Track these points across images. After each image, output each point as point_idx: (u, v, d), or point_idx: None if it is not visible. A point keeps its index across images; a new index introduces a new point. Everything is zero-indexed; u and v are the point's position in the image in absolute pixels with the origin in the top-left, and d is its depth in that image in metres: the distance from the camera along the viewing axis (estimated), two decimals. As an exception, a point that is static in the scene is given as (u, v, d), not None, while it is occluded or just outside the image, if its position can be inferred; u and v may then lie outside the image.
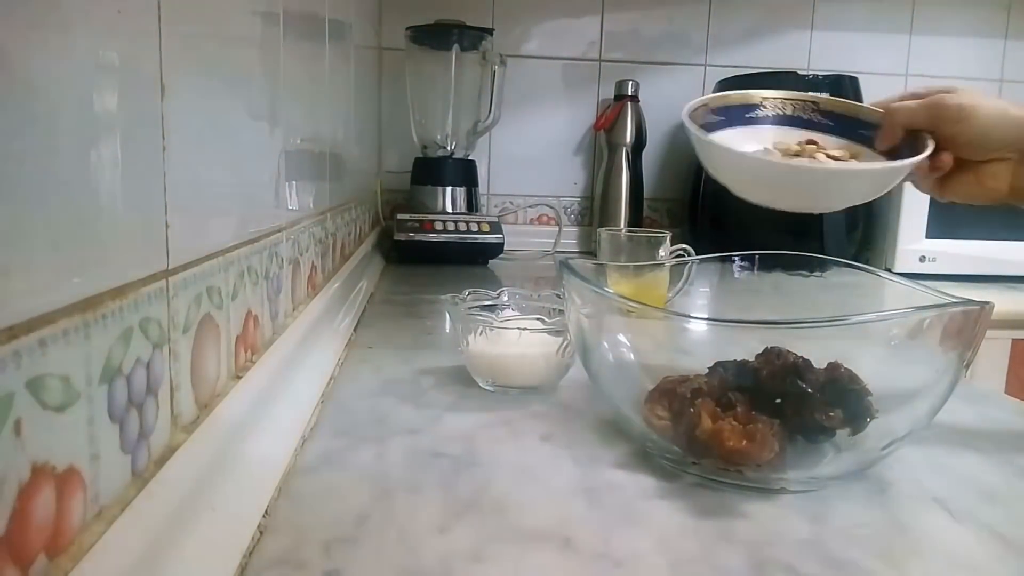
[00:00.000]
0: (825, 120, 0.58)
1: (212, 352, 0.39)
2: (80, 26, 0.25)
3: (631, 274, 0.70)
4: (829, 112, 0.58)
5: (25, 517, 0.22)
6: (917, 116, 0.53)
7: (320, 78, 0.75)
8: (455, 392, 0.58)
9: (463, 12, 1.44)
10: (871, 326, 0.41)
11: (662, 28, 1.59)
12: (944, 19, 1.63)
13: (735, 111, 0.58)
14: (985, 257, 1.30)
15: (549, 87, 1.59)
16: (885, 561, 0.35)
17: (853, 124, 0.57)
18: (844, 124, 0.58)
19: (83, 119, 0.25)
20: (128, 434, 0.29)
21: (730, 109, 0.58)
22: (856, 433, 0.43)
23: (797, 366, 0.43)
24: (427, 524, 0.37)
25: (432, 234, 1.30)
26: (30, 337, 0.22)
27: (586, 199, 1.63)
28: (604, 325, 0.48)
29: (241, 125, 0.45)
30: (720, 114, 0.57)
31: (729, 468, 0.41)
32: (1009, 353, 1.16)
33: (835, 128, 0.58)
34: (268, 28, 0.51)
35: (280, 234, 0.55)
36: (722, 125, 0.57)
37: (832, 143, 0.58)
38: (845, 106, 0.58)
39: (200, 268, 0.37)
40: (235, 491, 0.35)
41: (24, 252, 0.22)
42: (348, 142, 0.99)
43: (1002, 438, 0.53)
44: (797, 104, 0.59)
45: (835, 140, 0.58)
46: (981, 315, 0.40)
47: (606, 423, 0.52)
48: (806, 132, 0.58)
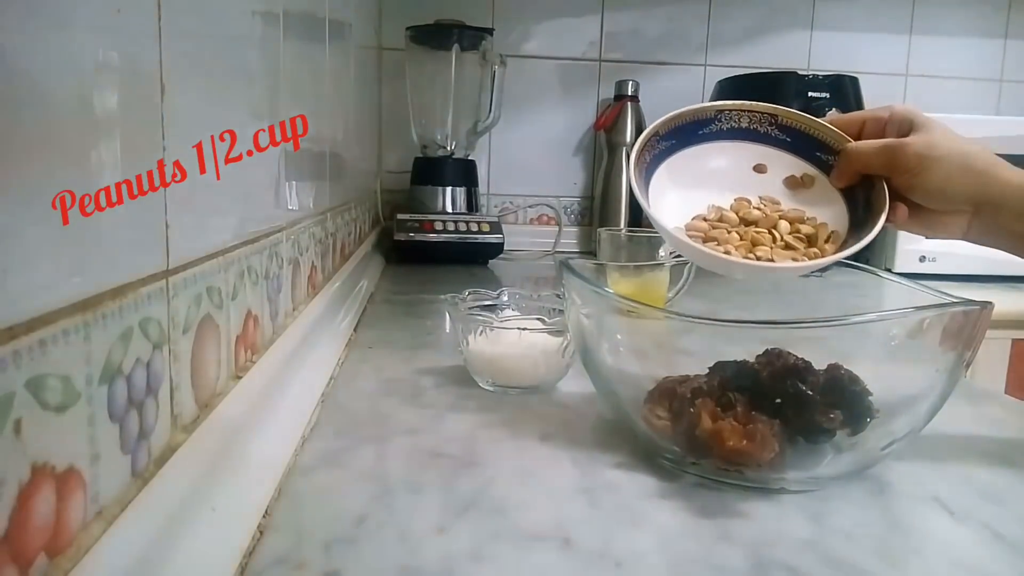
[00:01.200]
0: (782, 136, 0.55)
1: (212, 352, 0.39)
2: (80, 26, 0.25)
3: (631, 274, 0.70)
4: (787, 127, 0.55)
5: (25, 517, 0.22)
6: (873, 163, 0.51)
7: (320, 78, 0.75)
8: (455, 392, 0.58)
9: (463, 12, 1.44)
10: (871, 326, 0.41)
11: (662, 28, 1.59)
12: (944, 19, 1.63)
13: (688, 128, 0.55)
14: (985, 257, 1.29)
15: (549, 87, 1.59)
16: (885, 561, 0.35)
17: (811, 143, 0.54)
18: (802, 142, 0.55)
19: (83, 119, 0.25)
20: (128, 434, 0.29)
21: (682, 128, 0.55)
22: (856, 433, 0.43)
23: (798, 368, 0.43)
24: (427, 524, 0.37)
25: (432, 234, 1.30)
26: (30, 337, 0.22)
27: (586, 199, 1.63)
28: (604, 325, 0.48)
29: (241, 125, 0.45)
30: (670, 138, 0.54)
31: (729, 468, 0.41)
32: (1009, 353, 1.16)
33: (792, 145, 0.55)
34: (268, 28, 0.51)
35: (280, 234, 0.55)
36: (672, 150, 0.54)
37: (786, 164, 0.55)
38: (805, 122, 0.55)
39: (200, 268, 0.37)
40: (235, 491, 0.35)
41: (24, 252, 0.22)
42: (348, 142, 0.99)
43: (1002, 438, 0.53)
44: (754, 116, 0.55)
45: (791, 159, 0.55)
46: (981, 315, 0.40)
47: (606, 423, 0.52)
48: (760, 147, 0.55)
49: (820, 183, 0.54)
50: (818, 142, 0.54)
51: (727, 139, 0.55)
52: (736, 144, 0.55)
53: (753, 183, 0.55)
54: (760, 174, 0.55)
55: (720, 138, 0.55)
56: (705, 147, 0.55)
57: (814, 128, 0.54)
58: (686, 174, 0.54)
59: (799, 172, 0.55)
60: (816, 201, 0.54)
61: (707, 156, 0.55)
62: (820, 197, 0.54)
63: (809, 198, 0.54)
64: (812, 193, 0.54)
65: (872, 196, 0.51)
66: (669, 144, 0.54)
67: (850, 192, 0.53)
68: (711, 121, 0.55)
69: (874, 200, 0.51)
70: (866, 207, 0.51)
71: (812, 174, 0.54)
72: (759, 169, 0.55)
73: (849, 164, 0.52)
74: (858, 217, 0.52)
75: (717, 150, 0.55)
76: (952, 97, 1.63)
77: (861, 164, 0.51)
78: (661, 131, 0.54)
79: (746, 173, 0.55)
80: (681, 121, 0.54)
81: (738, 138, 0.55)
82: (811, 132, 0.54)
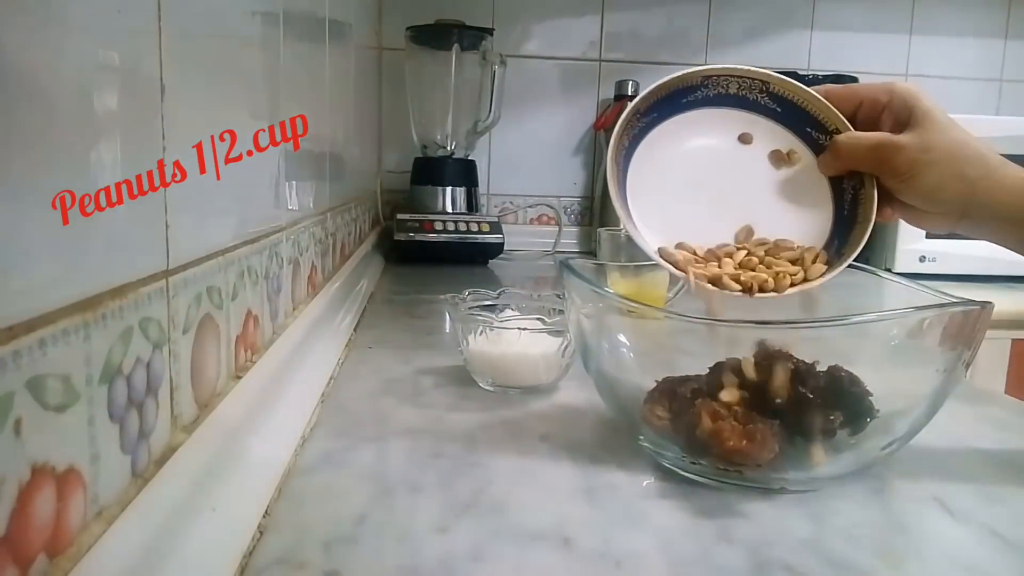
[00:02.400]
0: (772, 104, 0.52)
1: (212, 352, 0.39)
2: (80, 26, 0.25)
3: (631, 274, 0.70)
4: (779, 96, 0.52)
5: (25, 517, 0.22)
6: (863, 163, 0.49)
7: (320, 78, 0.75)
8: (455, 392, 0.58)
9: (463, 12, 1.44)
10: (871, 326, 0.41)
11: (662, 28, 1.59)
12: (944, 19, 1.63)
13: (673, 98, 0.51)
14: (985, 257, 1.30)
15: (549, 87, 1.59)
16: (885, 561, 0.35)
17: (802, 118, 0.52)
18: (792, 114, 0.52)
19: (83, 119, 0.25)
20: (128, 434, 0.29)
21: (665, 99, 0.51)
22: (856, 433, 0.43)
23: (799, 371, 0.43)
24: (427, 524, 0.37)
25: (432, 234, 1.30)
26: (30, 337, 0.22)
27: (586, 199, 1.63)
28: (604, 325, 0.48)
29: (241, 125, 0.45)
30: (651, 112, 0.51)
31: (729, 468, 0.41)
32: (1009, 353, 1.16)
33: (781, 116, 0.52)
34: (268, 28, 0.51)
35: (280, 234, 0.55)
36: (653, 124, 0.51)
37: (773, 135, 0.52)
38: (798, 94, 0.51)
39: (200, 268, 0.37)
40: (235, 491, 0.35)
41: (24, 252, 0.22)
42: (348, 142, 0.99)
43: (1002, 438, 0.53)
44: (744, 82, 0.52)
45: (778, 131, 0.52)
46: (981, 315, 0.40)
47: (606, 423, 0.52)
48: (747, 115, 0.52)
49: (806, 162, 0.52)
50: (810, 117, 0.52)
51: (712, 106, 0.52)
52: (721, 112, 0.52)
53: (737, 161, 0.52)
54: (745, 145, 0.53)
55: (705, 105, 0.52)
56: (688, 116, 0.52)
57: (808, 102, 0.51)
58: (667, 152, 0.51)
59: (785, 147, 0.52)
60: (801, 184, 0.52)
61: (690, 128, 0.52)
62: (805, 179, 0.52)
63: (794, 179, 0.52)
64: (797, 174, 0.52)
65: (860, 195, 0.50)
66: (651, 119, 0.52)
67: (838, 179, 0.51)
68: (697, 88, 0.52)
69: (862, 201, 0.49)
70: (852, 205, 0.50)
71: (798, 151, 0.52)
72: (744, 139, 0.53)
73: (838, 158, 0.50)
74: (843, 212, 0.50)
75: (700, 119, 0.52)
76: (952, 97, 1.63)
77: (851, 162, 0.50)
78: (642, 107, 0.51)
79: (731, 146, 0.53)
80: (664, 92, 0.51)
81: (725, 104, 0.53)
82: (804, 106, 0.52)
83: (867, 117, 0.51)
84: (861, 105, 0.51)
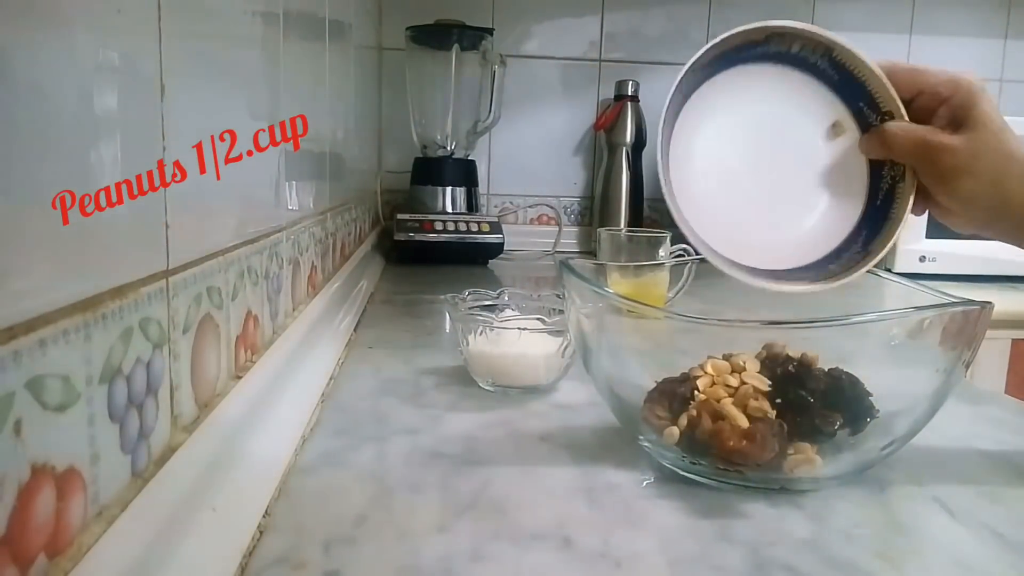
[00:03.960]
0: (831, 71, 0.51)
1: (212, 352, 0.39)
2: (80, 26, 0.25)
3: (631, 274, 0.70)
4: (840, 64, 0.50)
5: (25, 517, 0.22)
6: (908, 155, 0.48)
7: (320, 78, 0.75)
8: (455, 392, 0.58)
9: (463, 12, 1.44)
10: (871, 326, 0.41)
11: (662, 28, 1.59)
12: (944, 19, 1.63)
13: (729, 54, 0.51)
14: (985, 257, 1.30)
15: (549, 87, 1.59)
16: (885, 561, 0.35)
17: (859, 92, 0.50)
18: (849, 86, 0.50)
19: (83, 119, 0.25)
20: (128, 434, 0.29)
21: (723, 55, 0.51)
22: (856, 434, 0.43)
23: (799, 373, 0.43)
24: (427, 524, 0.37)
25: (432, 234, 1.30)
26: (30, 337, 0.22)
27: (586, 199, 1.63)
28: (604, 325, 0.48)
29: (241, 125, 0.45)
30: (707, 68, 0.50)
31: (729, 468, 0.41)
32: (1009, 353, 1.16)
33: (838, 84, 0.51)
34: (268, 28, 0.51)
35: (280, 234, 0.55)
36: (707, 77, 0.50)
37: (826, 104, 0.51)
38: (860, 67, 0.49)
39: (200, 268, 0.37)
40: (235, 491, 0.35)
41: (24, 252, 0.22)
42: (348, 142, 0.99)
43: (1002, 438, 0.53)
44: (808, 43, 0.50)
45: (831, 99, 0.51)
46: (981, 315, 0.40)
47: (606, 423, 0.52)
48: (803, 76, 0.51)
49: (850, 138, 0.51)
50: (867, 94, 0.50)
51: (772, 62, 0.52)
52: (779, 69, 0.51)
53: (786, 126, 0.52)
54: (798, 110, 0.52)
55: (765, 60, 0.51)
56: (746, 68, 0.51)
57: (868, 77, 0.50)
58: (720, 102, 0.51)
59: (835, 117, 0.51)
60: (840, 159, 0.51)
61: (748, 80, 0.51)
62: (846, 155, 0.51)
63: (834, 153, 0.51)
64: (839, 147, 0.51)
65: (897, 190, 0.49)
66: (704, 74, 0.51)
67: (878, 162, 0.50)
68: (758, 44, 0.51)
69: (898, 197, 0.49)
70: (887, 198, 0.50)
71: (846, 125, 0.51)
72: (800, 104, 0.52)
73: (883, 144, 0.49)
74: (876, 200, 0.50)
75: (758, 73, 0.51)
76: (952, 97, 1.63)
77: (895, 152, 0.48)
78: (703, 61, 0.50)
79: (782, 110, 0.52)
80: (725, 48, 0.50)
81: (781, 62, 0.52)
82: (863, 80, 0.50)
83: (924, 107, 0.49)
84: (921, 94, 0.49)
